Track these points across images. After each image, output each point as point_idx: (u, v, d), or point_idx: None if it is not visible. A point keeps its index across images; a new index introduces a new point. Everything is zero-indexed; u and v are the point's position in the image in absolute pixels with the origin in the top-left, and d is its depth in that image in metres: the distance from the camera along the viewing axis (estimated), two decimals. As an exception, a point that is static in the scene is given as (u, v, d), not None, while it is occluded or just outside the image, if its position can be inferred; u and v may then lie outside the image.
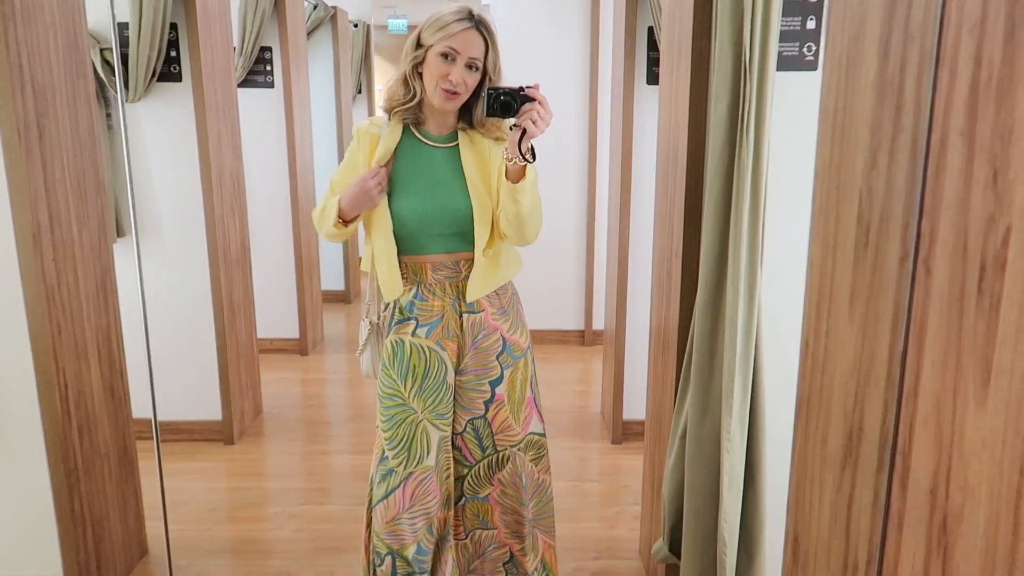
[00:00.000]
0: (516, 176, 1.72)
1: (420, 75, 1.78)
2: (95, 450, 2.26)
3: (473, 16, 1.75)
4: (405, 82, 1.81)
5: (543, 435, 2.00)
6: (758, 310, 1.69)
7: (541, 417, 2.00)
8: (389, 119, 1.85)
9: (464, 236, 1.82)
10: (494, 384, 1.89)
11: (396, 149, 1.83)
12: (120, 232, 3.16)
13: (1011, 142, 0.68)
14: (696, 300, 1.81)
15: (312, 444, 3.36)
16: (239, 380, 3.37)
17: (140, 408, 2.71)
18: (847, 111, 0.92)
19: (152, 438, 3.25)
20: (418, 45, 1.77)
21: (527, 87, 1.68)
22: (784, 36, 1.80)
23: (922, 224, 0.78)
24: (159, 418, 3.23)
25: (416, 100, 1.80)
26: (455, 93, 1.74)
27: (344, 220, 1.81)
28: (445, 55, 1.72)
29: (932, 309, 0.76)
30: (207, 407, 3.28)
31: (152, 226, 3.14)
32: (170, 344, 3.19)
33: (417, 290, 1.85)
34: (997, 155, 0.69)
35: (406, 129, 1.85)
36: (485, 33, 1.75)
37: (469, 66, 1.74)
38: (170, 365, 3.21)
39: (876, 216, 0.86)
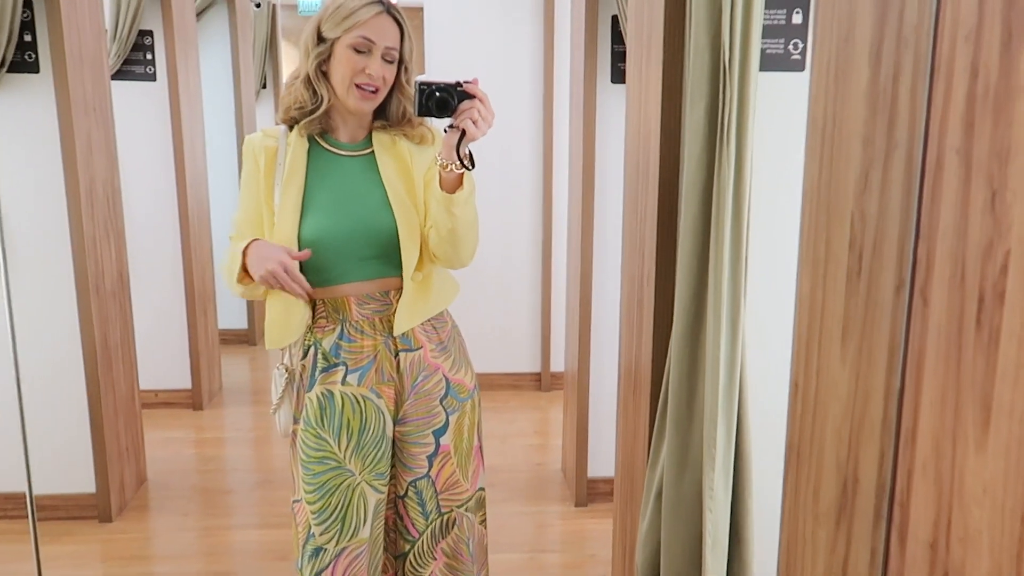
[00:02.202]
0: (451, 185, 1.76)
1: (325, 75, 1.82)
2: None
3: (383, 3, 1.80)
4: (308, 85, 1.84)
5: (484, 489, 2.07)
6: (742, 345, 1.77)
7: (484, 467, 2.07)
8: (289, 130, 1.87)
9: (389, 259, 1.85)
10: (438, 434, 1.94)
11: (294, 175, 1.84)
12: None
13: (1008, 161, 0.76)
14: (672, 334, 1.88)
15: (210, 518, 3.33)
16: (117, 442, 3.34)
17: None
18: (837, 123, 1.01)
19: (2, 518, 3.19)
20: (320, 40, 1.81)
21: (465, 82, 1.73)
22: (767, 31, 1.91)
23: (918, 250, 0.86)
24: (13, 491, 3.17)
25: (324, 107, 1.83)
26: (374, 91, 1.79)
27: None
28: (357, 48, 1.77)
29: (930, 343, 0.84)
30: (77, 477, 3.24)
31: (4, 251, 3.11)
32: (29, 399, 3.14)
33: (341, 330, 1.87)
34: (994, 175, 0.77)
35: (311, 139, 1.88)
36: (398, 17, 1.82)
37: (386, 59, 1.80)
38: (30, 426, 3.16)
39: (870, 241, 0.95)
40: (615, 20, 3.12)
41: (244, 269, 1.77)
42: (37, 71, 3.02)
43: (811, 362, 1.09)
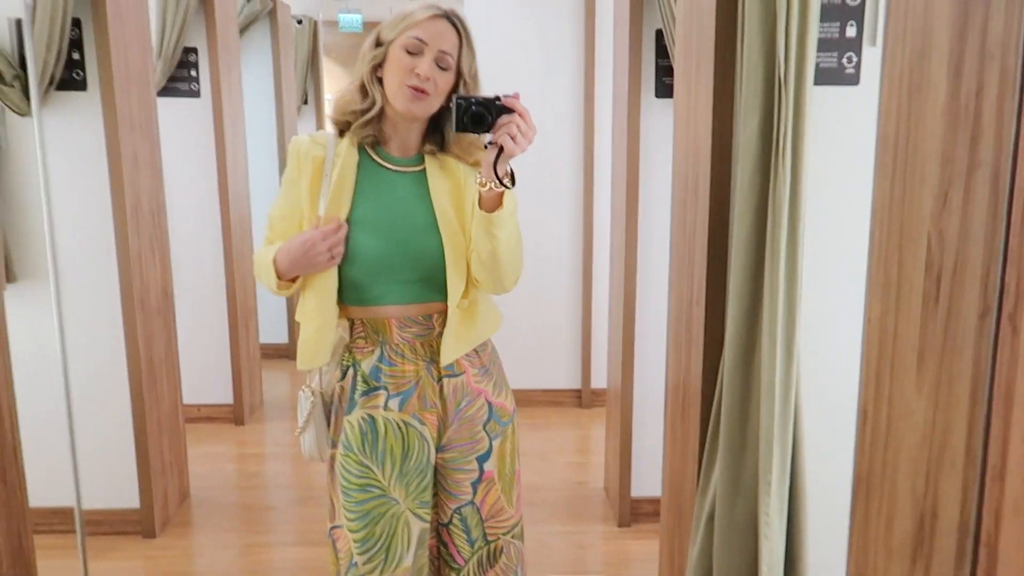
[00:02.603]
0: (491, 205, 1.70)
1: (380, 80, 1.77)
2: (-17, 549, 2.22)
3: (443, 8, 1.75)
4: (362, 89, 1.79)
5: (521, 517, 2.03)
6: (798, 369, 1.72)
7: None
8: (339, 137, 1.82)
9: (432, 283, 1.79)
10: (482, 460, 1.89)
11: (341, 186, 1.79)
12: (10, 277, 3.14)
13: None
14: (724, 356, 1.84)
15: (251, 535, 3.33)
16: (161, 458, 3.34)
17: (35, 495, 2.67)
18: (911, 141, 0.96)
19: (49, 532, 3.21)
20: (377, 44, 1.77)
21: (504, 96, 1.67)
22: (820, 45, 1.87)
23: (1006, 274, 0.81)
24: (60, 505, 3.19)
25: (376, 110, 1.77)
26: (423, 92, 1.71)
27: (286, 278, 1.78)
28: (409, 49, 1.71)
29: (1020, 374, 0.79)
30: (122, 492, 3.24)
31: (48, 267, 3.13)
32: (75, 414, 3.16)
33: (381, 352, 1.82)
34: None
35: (361, 150, 1.82)
36: (458, 25, 1.75)
37: (440, 64, 1.73)
38: (76, 440, 3.17)
39: (949, 264, 0.90)
40: (659, 34, 3.08)
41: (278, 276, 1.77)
42: (85, 89, 3.05)
43: (882, 390, 1.04)
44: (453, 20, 1.75)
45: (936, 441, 0.93)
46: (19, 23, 2.93)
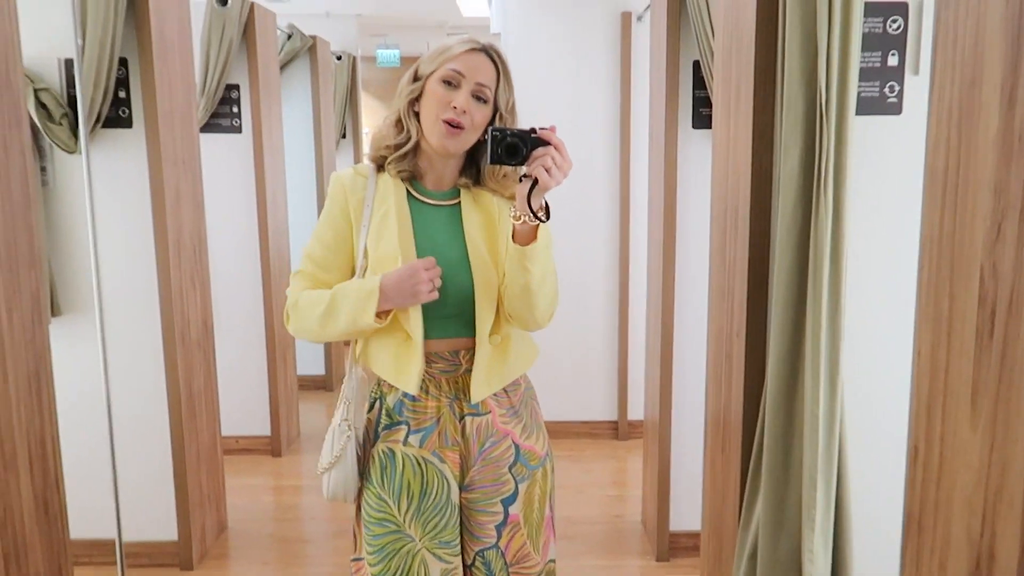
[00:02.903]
0: (525, 238, 1.67)
1: (417, 115, 1.76)
2: (25, 580, 2.23)
3: (482, 42, 1.74)
4: (398, 124, 1.79)
5: (554, 560, 1.95)
6: (842, 402, 1.69)
7: (555, 537, 1.96)
8: (377, 171, 1.82)
9: (462, 318, 1.77)
10: (507, 503, 1.83)
11: (391, 207, 1.77)
12: (55, 310, 3.18)
13: None
14: (766, 390, 1.81)
15: (288, 567, 3.32)
16: (199, 490, 3.35)
17: (76, 527, 2.69)
18: (961, 172, 0.94)
19: (89, 564, 3.22)
20: (415, 79, 1.76)
21: (540, 128, 1.64)
22: (862, 75, 1.85)
23: (1064, 309, 0.79)
24: (100, 537, 3.20)
25: (411, 144, 1.76)
26: (459, 127, 1.70)
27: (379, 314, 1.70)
28: (447, 81, 1.70)
29: (1082, 412, 0.76)
30: (160, 524, 3.25)
31: (94, 301, 3.17)
32: (115, 446, 3.18)
33: None
34: None
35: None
36: (496, 59, 1.74)
37: (477, 96, 1.71)
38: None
39: (1004, 297, 0.87)
40: (697, 65, 3.08)
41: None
42: (130, 126, 3.10)
43: (934, 426, 1.01)
44: (491, 54, 1.74)
45: (992, 480, 0.89)
46: (68, 63, 3.00)
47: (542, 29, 4.44)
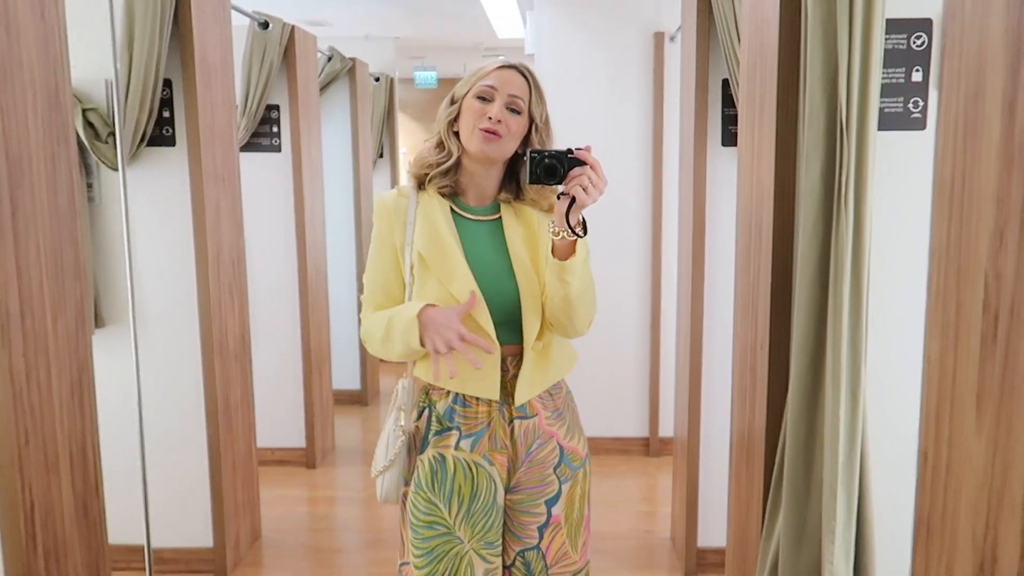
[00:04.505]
0: (564, 253, 1.75)
1: (456, 134, 1.85)
2: (65, 582, 2.28)
3: (512, 62, 1.85)
4: (439, 144, 1.88)
5: (589, 560, 2.02)
6: (864, 415, 1.69)
7: (590, 537, 2.02)
8: (419, 189, 1.90)
9: (510, 326, 1.84)
10: (550, 504, 1.90)
11: (433, 222, 1.85)
12: (99, 322, 3.26)
13: None
14: (787, 402, 1.81)
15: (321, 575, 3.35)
16: (234, 499, 3.40)
17: (114, 532, 2.74)
18: (967, 182, 0.95)
19: (127, 568, 3.28)
20: (452, 102, 1.87)
21: (576, 149, 1.72)
22: (886, 90, 1.85)
23: (1061, 313, 0.80)
24: (138, 543, 3.25)
25: (453, 160, 1.85)
26: (495, 134, 1.78)
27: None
28: (482, 96, 1.80)
29: (1079, 414, 0.77)
30: (196, 531, 3.31)
31: (136, 313, 3.24)
32: (152, 455, 3.24)
33: (456, 394, 1.86)
34: None
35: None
36: (527, 74, 1.83)
37: (511, 108, 1.80)
38: (153, 480, 3.25)
39: (1006, 304, 0.88)
40: (726, 84, 3.10)
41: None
42: (173, 144, 3.18)
43: (942, 431, 1.02)
44: (522, 70, 1.84)
45: (995, 484, 0.90)
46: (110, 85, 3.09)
47: (576, 49, 4.48)
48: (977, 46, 0.93)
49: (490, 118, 1.77)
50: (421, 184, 1.91)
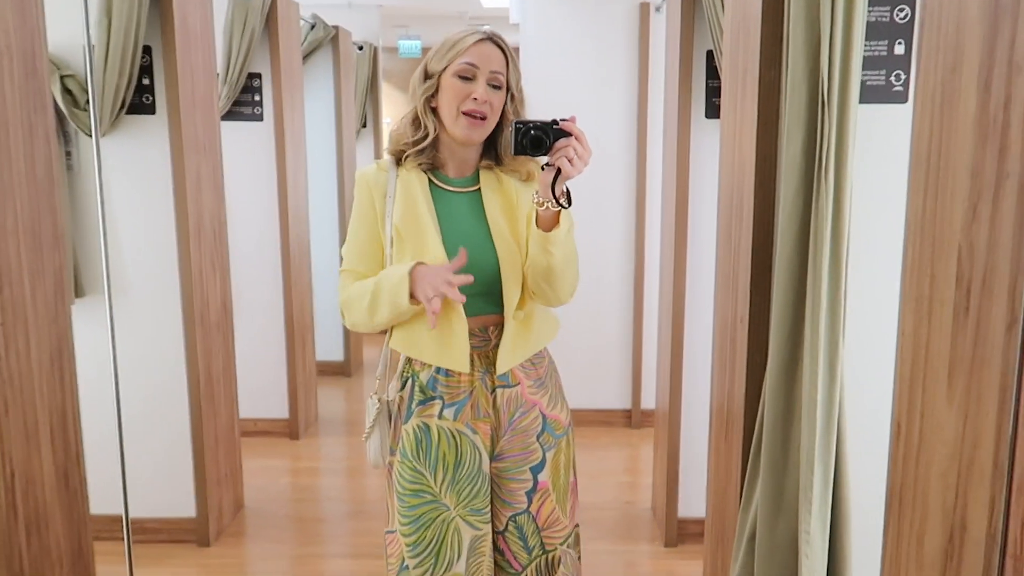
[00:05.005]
0: (548, 224, 1.76)
1: (434, 110, 1.85)
2: (45, 552, 2.29)
3: (485, 32, 1.82)
4: (415, 121, 1.87)
5: (578, 524, 2.05)
6: (840, 387, 1.70)
7: (577, 502, 2.06)
8: (397, 165, 1.90)
9: (491, 296, 1.85)
10: (536, 470, 1.92)
11: (411, 196, 1.86)
12: (78, 291, 3.24)
13: None
14: (766, 375, 1.83)
15: (303, 546, 3.37)
16: (217, 469, 3.41)
17: (97, 502, 2.74)
18: (943, 154, 0.96)
19: (110, 539, 3.28)
20: (427, 76, 1.84)
21: (562, 120, 1.71)
22: (868, 63, 1.86)
23: (1032, 285, 0.81)
24: (118, 513, 3.26)
25: (430, 139, 1.85)
26: (482, 117, 1.79)
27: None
28: (462, 75, 1.78)
29: (1046, 386, 0.79)
30: (178, 502, 3.32)
31: (116, 283, 3.22)
32: (135, 425, 3.23)
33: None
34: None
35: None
36: (503, 45, 1.83)
37: (492, 84, 1.80)
38: (135, 450, 3.25)
39: (978, 276, 0.89)
40: (710, 55, 3.09)
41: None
42: (153, 112, 3.15)
43: (915, 403, 1.03)
44: (497, 41, 1.82)
45: (965, 454, 0.92)
46: (94, 49, 3.05)
47: (561, 19, 4.45)
48: (955, 19, 0.94)
49: (475, 99, 1.77)
50: (399, 160, 1.90)
